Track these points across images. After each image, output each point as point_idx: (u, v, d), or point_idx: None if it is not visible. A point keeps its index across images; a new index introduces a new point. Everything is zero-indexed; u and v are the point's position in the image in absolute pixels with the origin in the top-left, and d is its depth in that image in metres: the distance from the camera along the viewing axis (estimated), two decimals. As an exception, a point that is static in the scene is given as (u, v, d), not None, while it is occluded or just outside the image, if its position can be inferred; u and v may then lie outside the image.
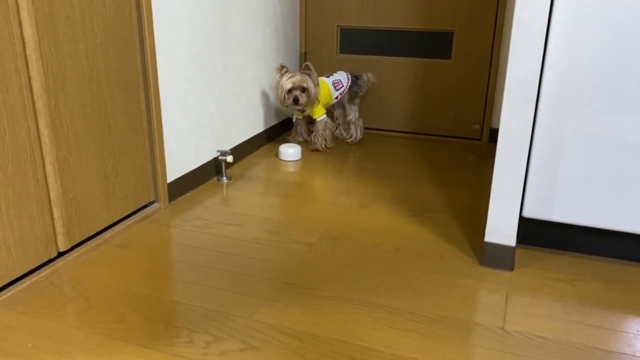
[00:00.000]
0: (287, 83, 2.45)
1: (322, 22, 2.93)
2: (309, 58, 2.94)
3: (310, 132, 2.70)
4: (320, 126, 2.60)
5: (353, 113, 2.75)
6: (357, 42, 2.91)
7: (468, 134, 2.85)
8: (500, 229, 1.57)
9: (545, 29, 1.39)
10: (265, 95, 2.69)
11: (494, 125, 2.79)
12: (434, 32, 2.77)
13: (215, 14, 2.17)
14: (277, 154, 2.56)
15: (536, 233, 1.70)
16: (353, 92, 2.72)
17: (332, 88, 2.63)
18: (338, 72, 2.70)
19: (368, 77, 2.75)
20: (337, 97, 2.67)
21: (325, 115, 2.61)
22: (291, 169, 2.42)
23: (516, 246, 1.59)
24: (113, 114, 1.70)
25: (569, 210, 1.57)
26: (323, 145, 2.62)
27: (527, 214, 1.60)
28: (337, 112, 2.80)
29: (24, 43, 1.39)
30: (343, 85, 2.66)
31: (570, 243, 1.68)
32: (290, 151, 2.51)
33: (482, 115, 2.80)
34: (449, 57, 2.77)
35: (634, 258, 1.64)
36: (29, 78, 1.41)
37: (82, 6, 1.54)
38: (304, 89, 2.46)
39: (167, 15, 1.88)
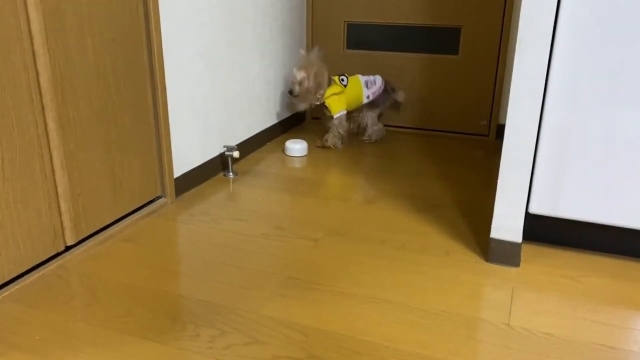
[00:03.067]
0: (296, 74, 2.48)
1: (329, 17, 2.92)
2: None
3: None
4: (335, 122, 2.57)
5: (372, 118, 2.69)
6: (364, 38, 2.90)
7: (475, 130, 2.84)
8: (507, 225, 1.57)
9: (552, 24, 1.38)
10: (272, 91, 2.69)
11: (501, 122, 2.77)
12: (441, 28, 2.75)
13: (222, 10, 2.17)
14: (283, 150, 2.56)
15: (542, 229, 1.69)
16: (380, 100, 2.66)
17: (364, 86, 2.58)
18: (374, 75, 2.66)
19: (401, 94, 2.72)
20: (368, 97, 2.60)
21: (343, 112, 2.55)
22: (297, 165, 2.42)
23: (522, 242, 1.59)
24: (120, 109, 1.71)
25: (575, 207, 1.56)
26: (334, 144, 2.61)
27: (533, 210, 1.59)
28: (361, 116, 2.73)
29: (31, 38, 1.39)
30: (376, 85, 2.61)
31: (576, 239, 1.67)
32: (296, 147, 2.51)
33: (489, 112, 2.79)
34: (456, 53, 2.76)
35: (641, 255, 1.63)
36: (37, 73, 1.42)
37: (90, 2, 1.54)
38: (301, 82, 2.47)
39: (175, 11, 1.88)
